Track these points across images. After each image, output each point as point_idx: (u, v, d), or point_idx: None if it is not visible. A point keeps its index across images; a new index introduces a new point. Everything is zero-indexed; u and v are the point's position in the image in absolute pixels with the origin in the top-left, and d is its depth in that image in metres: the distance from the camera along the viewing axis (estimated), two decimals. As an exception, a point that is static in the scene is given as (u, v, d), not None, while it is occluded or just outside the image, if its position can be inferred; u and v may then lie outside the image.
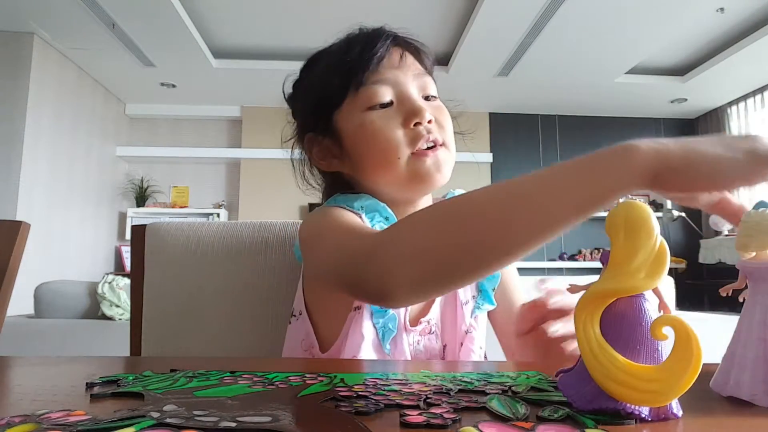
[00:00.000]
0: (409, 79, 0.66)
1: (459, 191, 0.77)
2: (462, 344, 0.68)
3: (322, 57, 0.72)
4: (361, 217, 0.65)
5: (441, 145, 0.65)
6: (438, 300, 0.69)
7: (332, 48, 0.70)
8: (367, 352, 0.61)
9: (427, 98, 0.67)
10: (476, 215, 0.44)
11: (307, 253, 0.64)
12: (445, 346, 0.68)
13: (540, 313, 0.57)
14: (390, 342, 0.63)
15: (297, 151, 0.75)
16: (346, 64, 0.65)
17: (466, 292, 0.71)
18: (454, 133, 0.71)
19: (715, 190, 0.40)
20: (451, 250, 0.43)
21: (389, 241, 0.47)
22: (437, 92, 0.70)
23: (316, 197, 0.79)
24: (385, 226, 0.65)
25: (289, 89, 0.75)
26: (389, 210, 0.67)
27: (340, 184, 0.72)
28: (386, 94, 0.64)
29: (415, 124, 0.63)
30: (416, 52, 0.69)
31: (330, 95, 0.67)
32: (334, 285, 0.57)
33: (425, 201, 0.72)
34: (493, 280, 0.72)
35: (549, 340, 0.57)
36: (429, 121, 0.64)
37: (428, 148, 0.64)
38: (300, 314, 0.69)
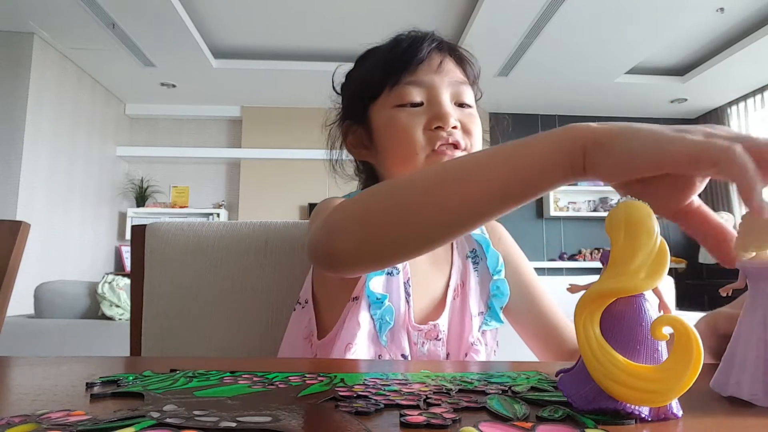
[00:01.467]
0: (444, 84, 0.68)
1: None
2: (467, 355, 0.68)
3: (373, 52, 0.75)
4: None
5: (463, 150, 0.66)
6: (448, 307, 0.70)
7: (383, 45, 0.74)
8: (362, 340, 0.62)
9: (461, 105, 0.69)
10: (409, 186, 0.46)
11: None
12: (448, 355, 0.69)
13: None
14: (387, 334, 0.64)
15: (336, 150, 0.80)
16: (387, 62, 0.69)
17: (476, 305, 0.72)
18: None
19: (646, 171, 0.35)
20: (386, 217, 0.46)
21: (340, 208, 0.49)
22: (474, 102, 0.71)
23: (317, 197, 0.80)
24: None
25: (339, 79, 0.79)
26: None
27: (373, 173, 0.76)
28: (417, 95, 0.67)
29: (436, 128, 0.65)
30: (459, 60, 0.72)
31: (369, 88, 0.71)
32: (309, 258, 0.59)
33: None
34: (501, 298, 0.73)
35: None
36: (454, 127, 0.66)
37: (449, 143, 0.65)
38: (306, 302, 0.71)
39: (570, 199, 5.52)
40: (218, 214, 5.23)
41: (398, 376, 0.38)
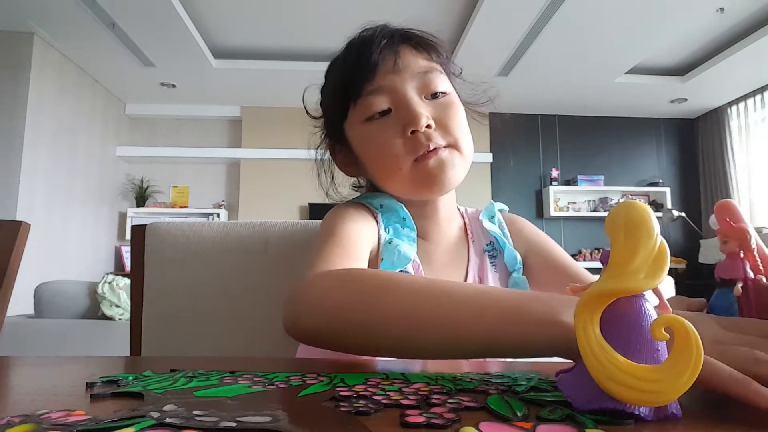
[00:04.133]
0: (407, 81, 0.64)
1: (500, 206, 0.78)
2: None
3: (333, 65, 0.72)
4: (376, 217, 0.67)
5: (446, 147, 0.63)
6: None
7: (338, 56, 0.70)
8: None
9: (434, 95, 0.65)
10: (381, 309, 0.44)
11: None
12: None
13: None
14: None
15: (322, 154, 0.77)
16: (343, 76, 0.65)
17: None
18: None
19: None
20: (350, 326, 0.45)
21: (306, 291, 0.48)
22: (449, 86, 0.67)
23: (317, 197, 0.80)
24: (401, 228, 0.68)
25: (308, 96, 0.76)
26: (406, 210, 0.68)
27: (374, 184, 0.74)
28: (382, 103, 0.63)
29: (412, 132, 0.62)
30: (418, 47, 0.67)
31: (335, 107, 0.68)
32: None
33: (447, 199, 0.72)
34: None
35: None
36: (428, 126, 0.62)
37: (430, 151, 0.62)
38: None
39: (570, 199, 5.52)
40: (218, 214, 5.23)
41: (399, 376, 0.38)
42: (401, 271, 0.65)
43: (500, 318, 0.39)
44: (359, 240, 0.61)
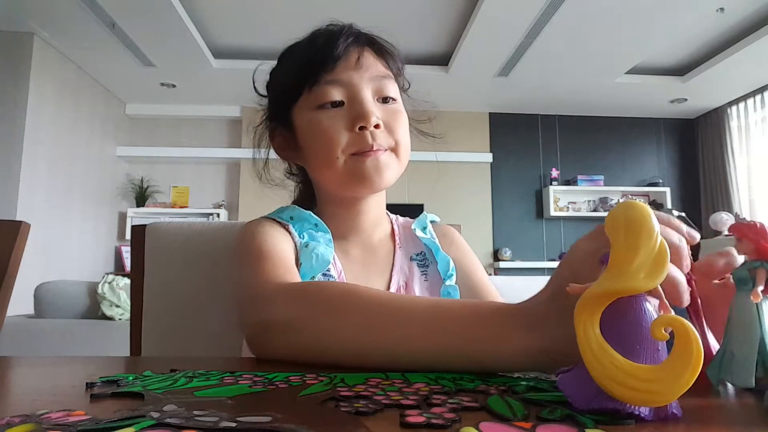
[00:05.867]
0: (364, 80, 0.66)
1: (432, 217, 0.80)
2: None
3: (291, 50, 0.73)
4: (288, 228, 0.68)
5: (386, 150, 0.65)
6: None
7: (301, 41, 0.72)
8: None
9: (385, 100, 0.67)
10: (345, 326, 0.46)
11: (234, 269, 0.65)
12: None
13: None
14: None
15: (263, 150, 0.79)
16: (304, 62, 0.67)
17: None
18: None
19: None
20: (319, 341, 0.46)
21: (271, 306, 0.51)
22: (398, 95, 0.70)
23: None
24: (315, 232, 0.68)
25: (260, 78, 0.78)
26: (315, 217, 0.69)
27: (307, 175, 0.75)
28: (337, 94, 0.65)
29: (360, 128, 0.63)
30: (379, 52, 0.70)
31: (288, 90, 0.69)
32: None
33: (376, 199, 0.72)
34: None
35: None
36: (376, 126, 0.64)
37: (370, 150, 0.64)
38: None
39: (570, 199, 5.52)
40: (218, 214, 5.22)
41: (399, 376, 0.38)
42: (323, 274, 0.66)
43: (455, 339, 0.41)
44: (286, 253, 0.63)
